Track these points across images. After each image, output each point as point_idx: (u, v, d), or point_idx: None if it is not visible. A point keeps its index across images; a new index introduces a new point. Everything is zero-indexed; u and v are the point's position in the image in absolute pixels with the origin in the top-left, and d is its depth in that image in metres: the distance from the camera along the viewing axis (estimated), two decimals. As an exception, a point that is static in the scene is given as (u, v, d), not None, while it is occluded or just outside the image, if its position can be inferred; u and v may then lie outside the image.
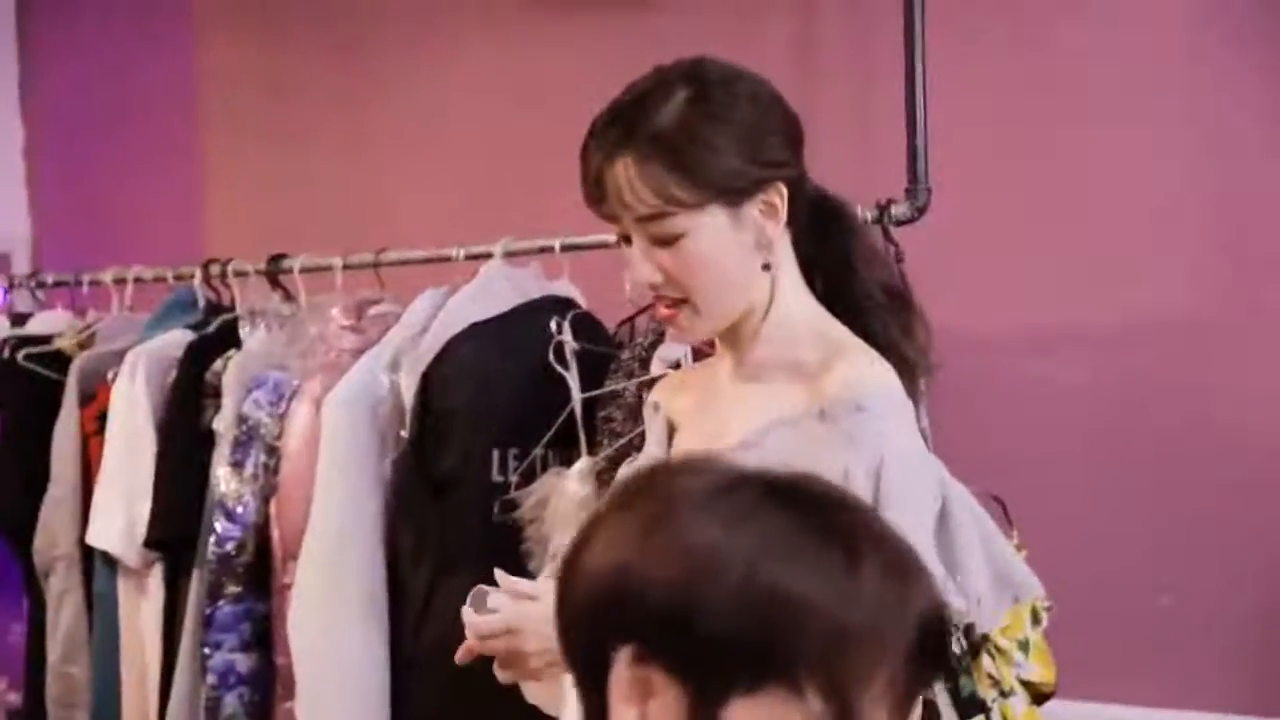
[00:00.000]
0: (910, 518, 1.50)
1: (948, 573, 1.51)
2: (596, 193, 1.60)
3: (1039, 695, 2.10)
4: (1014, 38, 2.58)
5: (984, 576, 1.53)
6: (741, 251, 1.60)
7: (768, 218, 1.60)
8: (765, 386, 1.63)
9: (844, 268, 1.67)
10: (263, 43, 3.64)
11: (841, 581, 1.02)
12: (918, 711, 1.09)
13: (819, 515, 1.07)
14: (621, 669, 1.04)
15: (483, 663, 1.68)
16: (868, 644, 1.02)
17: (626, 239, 1.62)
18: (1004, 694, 2.04)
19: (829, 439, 1.53)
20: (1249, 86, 2.41)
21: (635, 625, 1.04)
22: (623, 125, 1.58)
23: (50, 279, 3.47)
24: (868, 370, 1.58)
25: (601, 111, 1.62)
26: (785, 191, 1.60)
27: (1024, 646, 2.04)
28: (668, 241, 1.58)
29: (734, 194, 1.58)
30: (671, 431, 1.75)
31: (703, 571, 1.03)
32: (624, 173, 1.57)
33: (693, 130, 1.56)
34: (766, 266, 1.61)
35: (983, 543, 1.56)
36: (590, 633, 1.08)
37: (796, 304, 1.65)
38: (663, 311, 1.64)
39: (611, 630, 1.05)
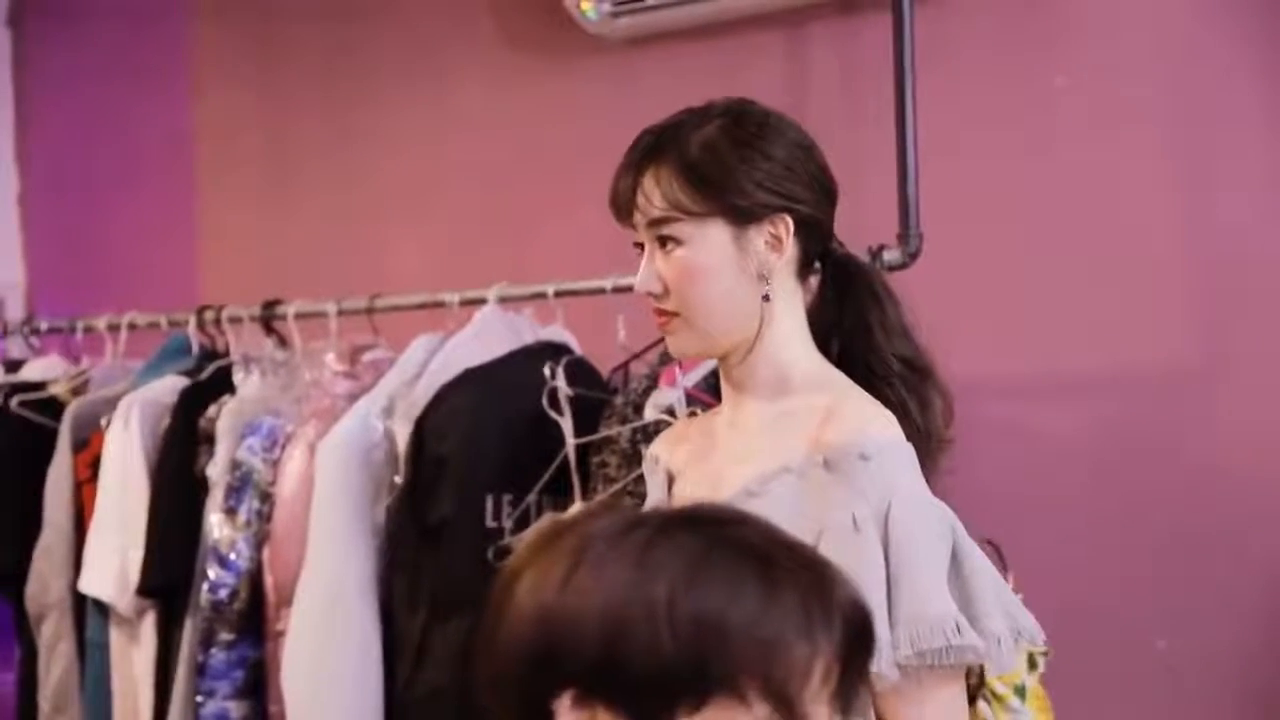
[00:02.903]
0: (922, 560, 1.51)
1: (965, 614, 1.51)
2: (616, 199, 1.66)
3: (1035, 741, 2.09)
4: (1004, 84, 2.59)
5: (1000, 618, 1.53)
6: (738, 274, 1.62)
7: (772, 249, 1.63)
8: (765, 435, 1.63)
9: (861, 335, 1.69)
10: (257, 91, 3.66)
11: (760, 591, 1.06)
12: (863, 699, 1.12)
13: (722, 534, 1.10)
14: (564, 716, 1.06)
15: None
16: (798, 645, 1.06)
17: (641, 245, 1.67)
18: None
19: (835, 488, 1.54)
20: (1245, 136, 2.42)
21: (570, 672, 1.06)
22: (656, 141, 1.65)
23: (44, 325, 3.47)
24: (869, 419, 1.59)
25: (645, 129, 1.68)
26: (791, 225, 1.62)
27: (1020, 692, 2.04)
28: (670, 249, 1.62)
29: (738, 213, 1.61)
30: (672, 482, 1.76)
31: (626, 609, 1.06)
32: (644, 181, 1.63)
33: (714, 149, 1.62)
34: (766, 298, 1.63)
35: (994, 584, 1.56)
36: (526, 688, 1.09)
37: (796, 351, 1.66)
38: (658, 320, 1.68)
39: (547, 682, 1.07)
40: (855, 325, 1.69)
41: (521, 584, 1.11)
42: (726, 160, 1.61)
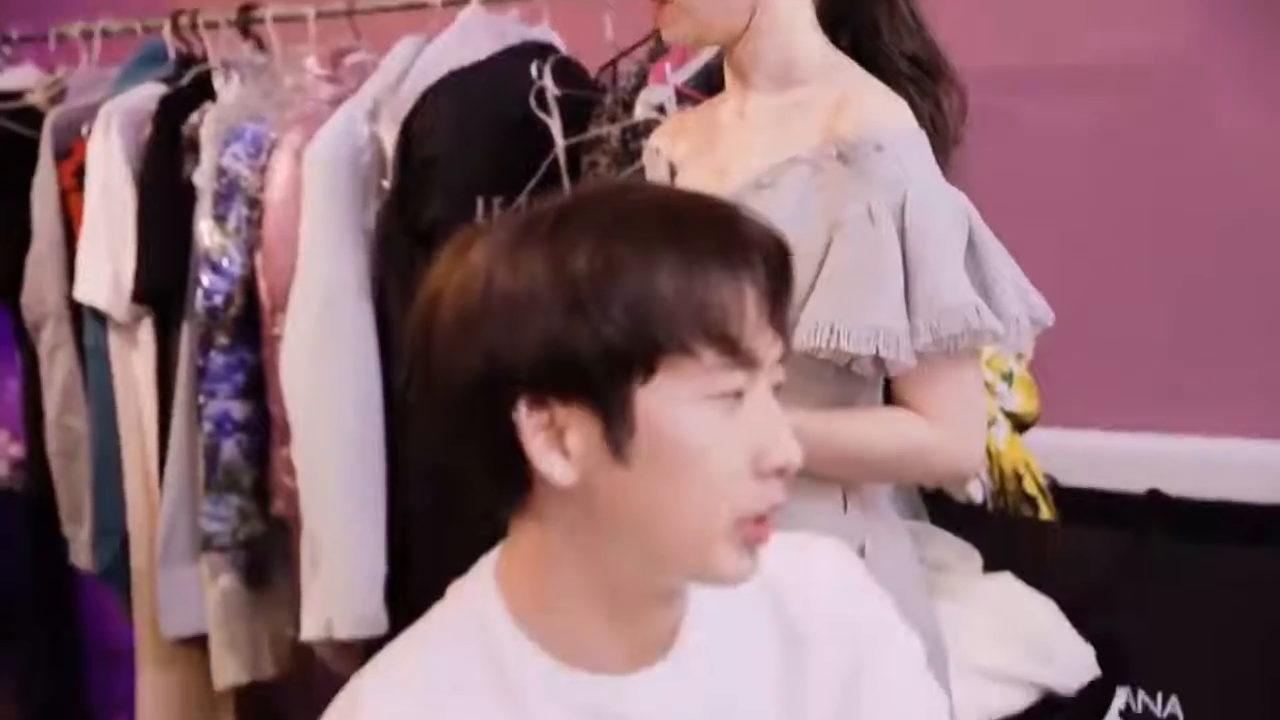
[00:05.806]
0: (939, 249, 1.53)
1: (982, 299, 1.54)
2: None
3: (1021, 424, 2.18)
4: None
5: (1018, 301, 1.57)
6: None
7: None
8: (773, 125, 1.63)
9: (869, 34, 1.66)
10: None
11: (679, 247, 1.07)
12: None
13: (623, 200, 1.11)
14: (524, 423, 1.08)
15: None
16: (727, 288, 1.07)
17: None
18: (987, 424, 2.12)
19: (849, 180, 1.55)
20: (1267, 141, 2.36)
21: (517, 380, 1.07)
22: None
23: (16, 35, 3.41)
24: (882, 108, 1.58)
25: None
26: None
27: (1008, 378, 2.11)
28: None
29: None
30: (673, 175, 1.75)
31: (552, 300, 1.06)
32: None
33: None
34: None
35: (1010, 269, 1.59)
36: (478, 406, 1.09)
37: (802, 40, 1.64)
38: (655, 12, 1.66)
39: (497, 395, 1.08)
40: (862, 20, 1.67)
41: (443, 304, 1.10)
42: None
